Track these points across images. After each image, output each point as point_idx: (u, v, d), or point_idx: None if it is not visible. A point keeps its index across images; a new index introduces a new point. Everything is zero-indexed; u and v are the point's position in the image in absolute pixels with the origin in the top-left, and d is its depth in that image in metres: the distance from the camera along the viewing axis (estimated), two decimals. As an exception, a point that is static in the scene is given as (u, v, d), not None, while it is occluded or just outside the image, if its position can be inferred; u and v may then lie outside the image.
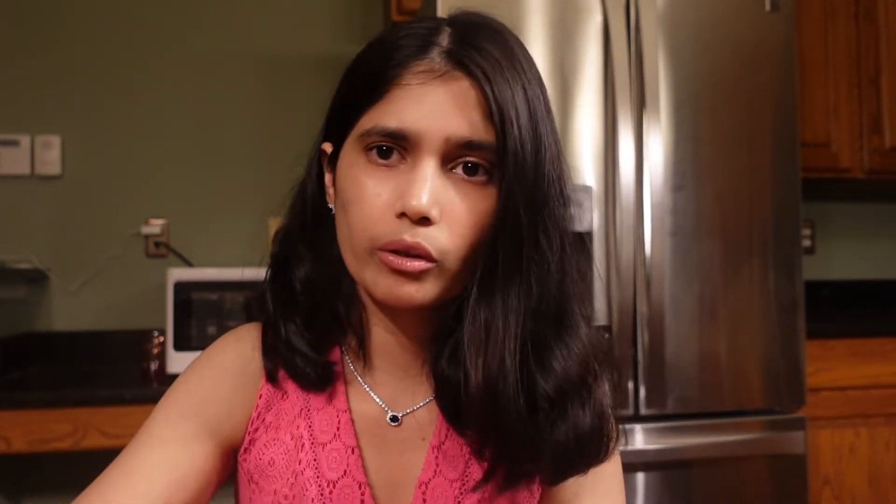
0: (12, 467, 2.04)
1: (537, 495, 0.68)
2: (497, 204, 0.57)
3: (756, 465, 1.76)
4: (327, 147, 0.65)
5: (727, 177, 1.77)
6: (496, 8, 0.69)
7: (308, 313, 0.66)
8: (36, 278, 2.12)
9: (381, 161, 0.58)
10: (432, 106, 0.57)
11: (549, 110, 0.62)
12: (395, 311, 0.64)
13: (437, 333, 0.64)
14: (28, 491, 2.09)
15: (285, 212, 0.70)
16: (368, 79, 0.60)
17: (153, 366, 1.87)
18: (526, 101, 0.58)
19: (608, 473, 0.69)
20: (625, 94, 1.69)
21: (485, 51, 0.58)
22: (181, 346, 1.79)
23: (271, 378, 0.67)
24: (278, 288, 0.67)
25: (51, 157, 2.16)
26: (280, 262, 0.67)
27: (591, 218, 1.68)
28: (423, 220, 0.56)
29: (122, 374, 1.90)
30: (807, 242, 2.74)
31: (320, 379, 0.66)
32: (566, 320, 0.61)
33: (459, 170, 0.58)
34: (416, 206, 0.55)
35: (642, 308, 1.70)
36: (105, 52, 2.22)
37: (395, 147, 0.58)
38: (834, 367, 2.05)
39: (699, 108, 1.77)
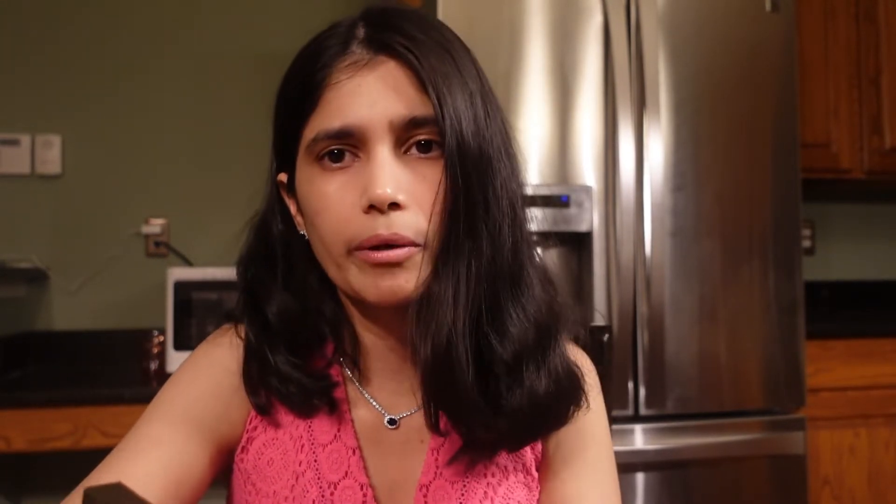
0: (12, 467, 2.04)
1: (537, 492, 0.68)
2: (443, 170, 0.57)
3: (756, 465, 1.76)
4: (283, 177, 0.65)
5: (727, 177, 1.77)
6: (497, 8, 0.69)
7: (291, 338, 0.64)
8: (36, 278, 2.13)
9: (335, 165, 0.58)
10: (367, 95, 0.57)
11: (479, 72, 0.61)
12: (384, 314, 0.63)
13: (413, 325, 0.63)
14: (28, 490, 2.09)
15: (243, 244, 0.69)
16: (300, 90, 0.60)
17: (153, 365, 1.88)
18: (456, 67, 0.58)
19: (599, 457, 0.69)
20: (625, 94, 1.69)
21: (402, 29, 0.58)
22: (181, 345, 1.79)
23: (262, 412, 0.65)
24: (256, 319, 0.65)
25: (51, 157, 2.16)
26: (251, 298, 0.66)
27: (591, 218, 1.68)
28: (393, 206, 0.56)
29: (122, 374, 1.90)
30: (807, 243, 2.74)
31: (320, 399, 0.65)
32: (521, 283, 0.60)
33: (414, 150, 0.58)
34: (381, 195, 0.55)
35: (642, 308, 1.70)
36: (105, 52, 2.22)
37: (345, 148, 0.58)
38: (833, 367, 2.05)
39: (699, 108, 1.77)
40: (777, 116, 1.82)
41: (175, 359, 1.79)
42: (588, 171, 1.70)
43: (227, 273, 1.84)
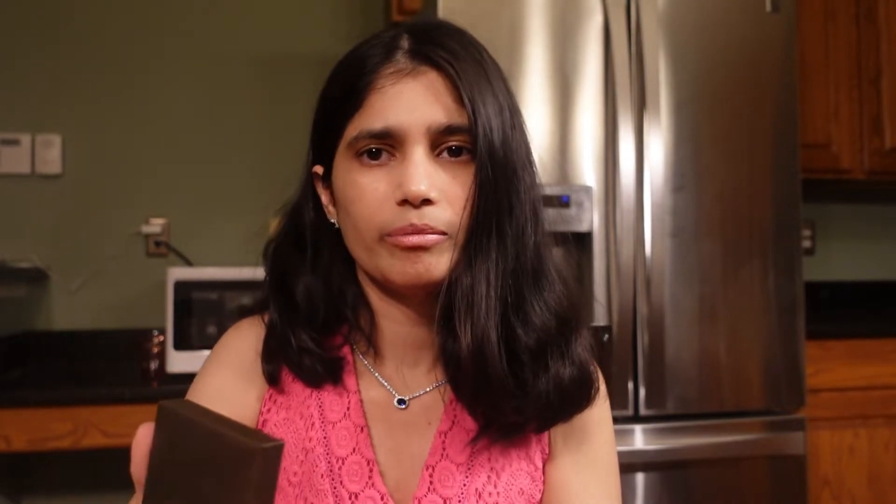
0: (12, 466, 2.05)
1: (541, 484, 0.70)
2: (474, 175, 0.62)
3: (756, 465, 1.76)
4: (318, 169, 0.70)
5: (727, 177, 1.77)
6: (497, 8, 0.70)
7: (311, 318, 0.69)
8: (36, 277, 2.13)
9: (373, 162, 0.64)
10: (409, 101, 0.62)
11: (507, 86, 0.67)
12: (407, 298, 0.68)
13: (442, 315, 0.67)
14: (28, 490, 2.09)
15: (275, 228, 0.74)
16: (345, 92, 0.65)
17: (153, 365, 1.87)
18: (488, 81, 0.64)
19: (599, 451, 0.72)
20: (625, 94, 1.69)
21: (443, 43, 0.64)
22: (181, 345, 1.79)
23: (272, 380, 0.70)
24: (281, 297, 0.70)
25: (51, 156, 2.16)
26: (277, 276, 0.71)
27: (591, 218, 1.68)
28: (425, 202, 0.61)
29: (122, 374, 1.90)
30: (807, 243, 2.74)
31: (328, 373, 0.69)
32: (543, 278, 0.66)
33: (445, 154, 0.63)
34: (415, 191, 0.60)
35: (642, 308, 1.70)
36: (105, 52, 2.22)
37: (383, 147, 0.63)
38: (833, 367, 2.05)
39: (700, 108, 1.77)
40: (777, 117, 1.82)
41: (175, 359, 1.79)
42: (588, 171, 1.70)
43: (228, 273, 1.84)
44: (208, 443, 0.40)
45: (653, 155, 1.70)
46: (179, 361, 1.78)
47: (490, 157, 0.62)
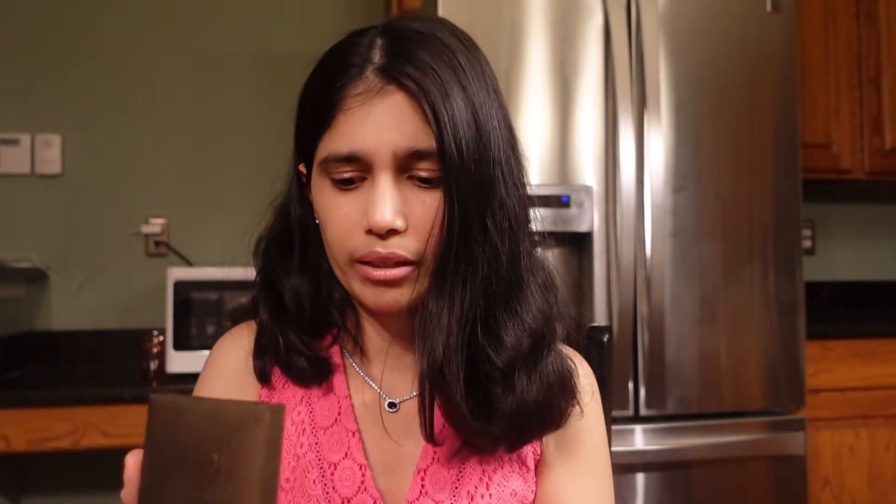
0: (12, 466, 2.04)
1: (533, 485, 0.70)
2: (441, 201, 0.61)
3: (756, 465, 1.76)
4: (303, 168, 0.69)
5: (728, 177, 1.77)
6: (497, 8, 0.69)
7: (300, 320, 0.69)
8: (36, 277, 2.12)
9: (343, 182, 0.63)
10: (375, 125, 0.60)
11: (494, 91, 0.64)
12: (384, 316, 0.68)
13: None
14: (28, 490, 2.09)
15: (265, 225, 0.73)
16: (317, 106, 0.64)
17: (153, 365, 1.87)
18: (463, 95, 0.61)
19: (590, 453, 0.71)
20: (625, 94, 1.69)
21: (415, 59, 0.61)
22: (181, 345, 1.79)
23: (262, 378, 0.70)
24: (271, 298, 0.70)
25: (51, 157, 2.16)
26: (268, 277, 0.71)
27: (591, 218, 1.68)
28: (391, 232, 0.61)
29: (122, 374, 1.90)
30: (807, 243, 2.73)
31: (317, 373, 0.69)
32: (518, 296, 0.64)
33: (414, 177, 0.62)
34: (379, 221, 0.60)
35: (642, 309, 1.70)
36: (105, 52, 2.22)
37: (353, 171, 0.62)
38: (834, 368, 2.05)
39: (700, 108, 1.77)
40: (778, 116, 1.82)
41: (175, 359, 1.79)
42: (588, 172, 1.70)
43: (227, 273, 1.84)
44: (212, 417, 0.41)
45: (653, 155, 1.70)
46: (179, 361, 1.78)
47: (458, 178, 0.59)
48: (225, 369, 0.71)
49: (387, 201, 0.60)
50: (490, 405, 0.62)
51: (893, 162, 2.44)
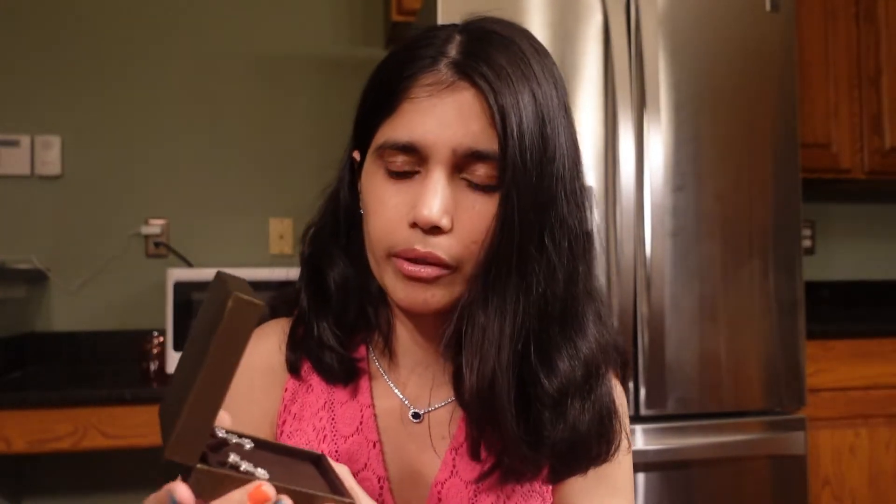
0: (12, 467, 2.04)
1: (549, 501, 0.69)
2: (497, 208, 0.59)
3: (756, 465, 1.76)
4: (357, 155, 0.68)
5: (727, 177, 1.77)
6: (497, 8, 0.69)
7: (339, 312, 0.68)
8: (36, 278, 2.12)
9: (396, 173, 0.61)
10: (439, 118, 0.59)
11: (565, 108, 0.63)
12: (415, 316, 0.67)
13: (459, 335, 0.65)
14: (28, 491, 2.09)
15: (315, 213, 0.72)
16: (382, 92, 0.63)
17: (153, 366, 1.87)
18: (534, 105, 0.59)
19: (615, 474, 0.70)
20: (625, 94, 1.69)
21: (491, 59, 0.59)
22: (181, 346, 1.79)
23: (293, 370, 0.69)
24: (313, 287, 0.68)
25: (51, 157, 2.16)
26: (313, 263, 0.69)
27: (591, 218, 1.68)
28: (434, 230, 0.59)
29: (122, 375, 1.89)
30: (807, 243, 2.74)
31: (346, 373, 0.68)
32: (573, 320, 0.62)
33: (468, 179, 0.60)
34: (426, 217, 0.58)
35: (642, 308, 1.70)
36: (105, 53, 2.22)
37: (408, 163, 0.60)
38: (834, 367, 2.05)
39: (699, 108, 1.77)
40: (777, 116, 1.82)
41: (175, 360, 1.78)
42: (588, 171, 1.70)
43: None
44: (216, 297, 0.44)
45: (653, 155, 1.70)
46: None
47: (519, 189, 0.57)
48: (252, 369, 0.70)
49: (437, 197, 0.58)
50: (538, 431, 0.60)
51: (893, 161, 2.44)
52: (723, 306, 1.75)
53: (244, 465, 0.46)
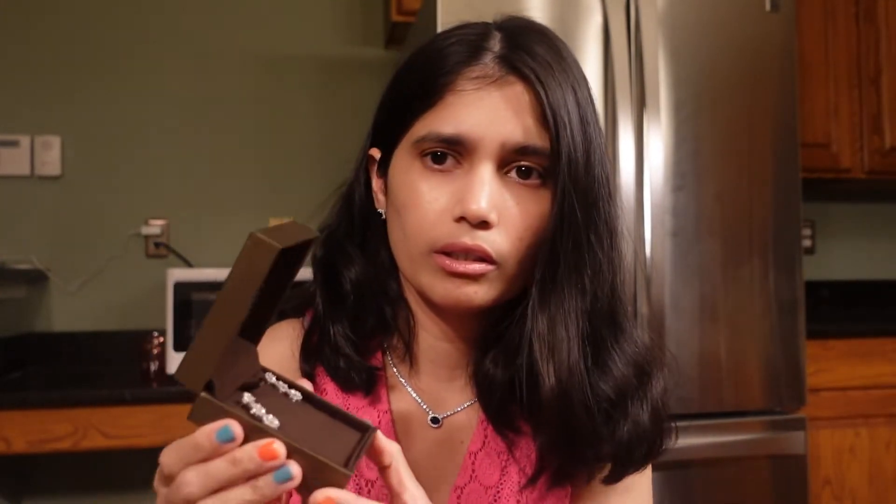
0: (12, 468, 2.04)
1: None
2: (553, 206, 0.58)
3: (756, 465, 1.76)
4: (375, 153, 0.66)
5: (727, 177, 1.77)
6: (496, 8, 0.69)
7: (355, 315, 0.66)
8: (36, 278, 2.12)
9: (436, 166, 0.59)
10: (488, 111, 0.58)
11: (592, 99, 0.62)
12: (445, 314, 0.65)
13: (485, 336, 0.65)
14: (28, 491, 2.09)
15: (328, 213, 0.70)
16: (420, 85, 0.61)
17: (153, 366, 1.87)
18: (577, 104, 0.59)
19: (641, 483, 0.69)
20: (625, 94, 1.69)
21: (536, 54, 0.59)
22: (181, 346, 1.79)
23: (307, 379, 0.67)
24: (328, 290, 0.67)
25: (51, 158, 2.16)
26: (328, 265, 0.68)
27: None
28: (482, 224, 0.57)
29: (122, 375, 1.89)
30: (807, 242, 2.74)
31: (363, 383, 0.66)
32: (619, 320, 0.62)
33: (514, 173, 0.59)
34: (475, 210, 0.56)
35: (642, 308, 1.70)
36: (105, 53, 2.22)
37: (449, 153, 0.59)
38: (834, 367, 2.05)
39: (699, 108, 1.77)
40: (777, 116, 1.82)
41: (175, 360, 1.78)
42: (588, 171, 1.70)
43: (228, 274, 1.84)
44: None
45: (652, 154, 1.70)
46: (179, 363, 1.78)
47: (574, 184, 0.57)
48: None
49: (485, 190, 0.57)
50: (603, 431, 0.60)
51: (893, 161, 2.44)
52: (723, 306, 1.75)
53: (255, 409, 0.45)
